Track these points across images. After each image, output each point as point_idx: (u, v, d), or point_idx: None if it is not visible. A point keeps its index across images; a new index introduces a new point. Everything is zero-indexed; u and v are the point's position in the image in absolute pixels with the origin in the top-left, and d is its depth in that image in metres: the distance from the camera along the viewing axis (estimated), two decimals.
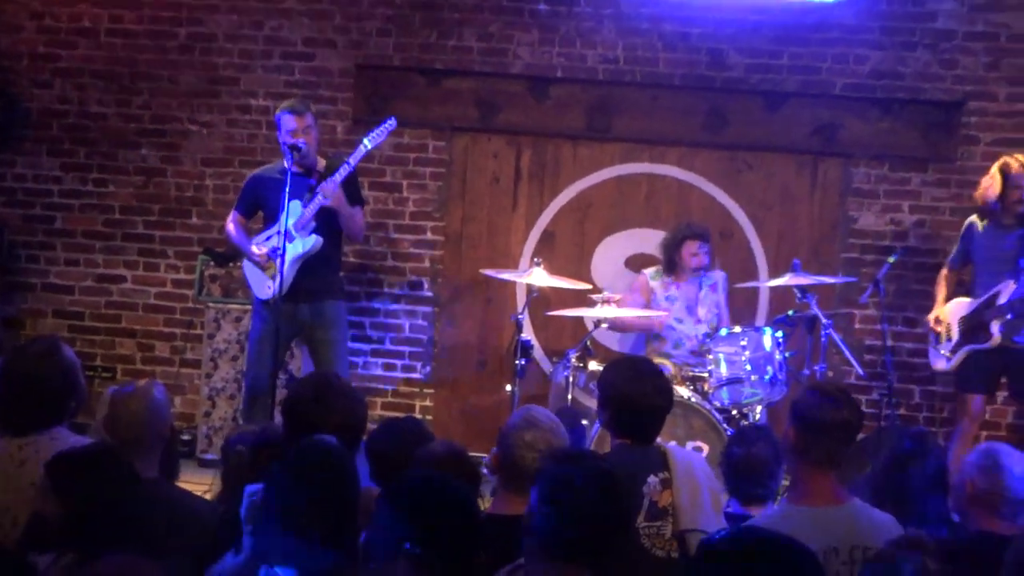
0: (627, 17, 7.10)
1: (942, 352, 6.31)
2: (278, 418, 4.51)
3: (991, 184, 6.14)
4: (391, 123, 6.01)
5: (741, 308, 6.94)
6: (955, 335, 6.24)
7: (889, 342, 6.51)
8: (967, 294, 6.33)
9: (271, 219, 5.96)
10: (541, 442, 3.36)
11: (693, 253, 6.47)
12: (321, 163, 6.03)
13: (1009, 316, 6.01)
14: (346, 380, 3.73)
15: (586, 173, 7.25)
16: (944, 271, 6.51)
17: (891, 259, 6.55)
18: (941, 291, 6.45)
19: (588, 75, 7.16)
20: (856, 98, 7.06)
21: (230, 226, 6.18)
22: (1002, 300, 6.04)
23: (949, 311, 6.32)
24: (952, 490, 3.63)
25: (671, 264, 6.56)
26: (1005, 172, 6.10)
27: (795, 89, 7.08)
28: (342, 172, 5.82)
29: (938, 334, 6.33)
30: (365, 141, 5.92)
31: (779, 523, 3.35)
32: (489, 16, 7.16)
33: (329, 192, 5.78)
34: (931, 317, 6.40)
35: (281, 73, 7.28)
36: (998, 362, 6.15)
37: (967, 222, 6.38)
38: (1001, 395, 6.77)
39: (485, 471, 3.73)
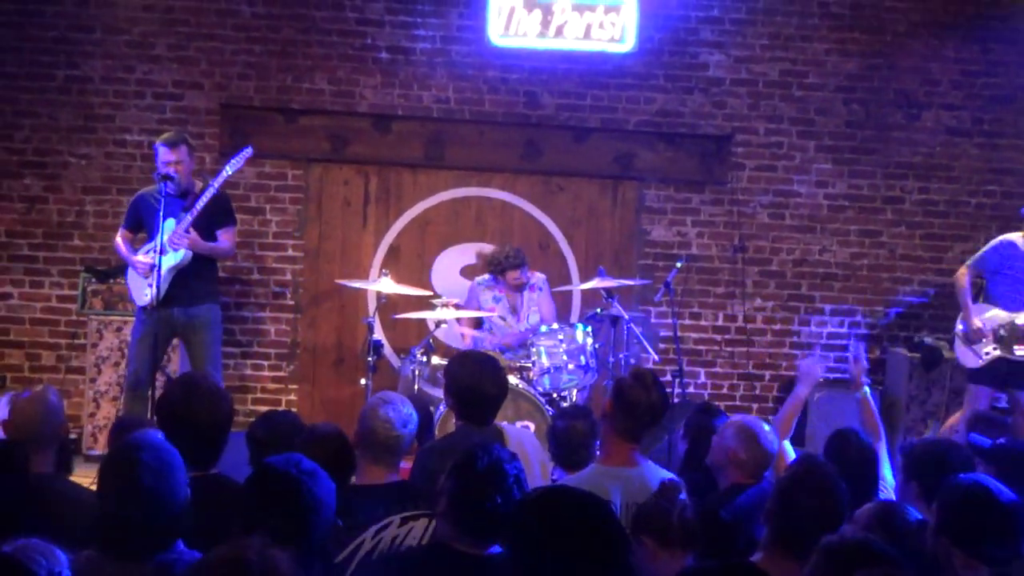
0: (456, 64, 7.10)
1: (981, 352, 5.96)
2: None
3: None
4: (248, 151, 5.86)
5: (559, 307, 7.01)
6: (990, 340, 5.94)
7: (678, 333, 6.70)
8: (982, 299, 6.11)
9: (150, 235, 5.79)
10: (395, 418, 3.34)
11: (516, 278, 6.44)
12: (198, 185, 5.86)
13: None
14: (213, 380, 3.60)
15: (425, 196, 7.21)
16: (967, 274, 6.09)
17: (678, 265, 6.72)
18: (969, 295, 6.03)
19: (424, 113, 7.13)
20: (646, 132, 7.22)
21: (117, 239, 5.97)
22: None
23: (986, 319, 5.97)
24: (713, 453, 3.72)
25: (500, 283, 6.51)
26: None
27: (597, 125, 7.20)
28: (207, 195, 5.66)
29: (977, 337, 5.96)
30: (227, 167, 5.78)
31: (589, 479, 3.44)
32: (338, 63, 7.05)
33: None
34: (974, 323, 5.96)
35: (153, 112, 6.99)
36: (1013, 368, 5.97)
37: (1007, 239, 6.02)
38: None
39: None
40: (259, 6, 6.98)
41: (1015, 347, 5.89)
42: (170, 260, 5.65)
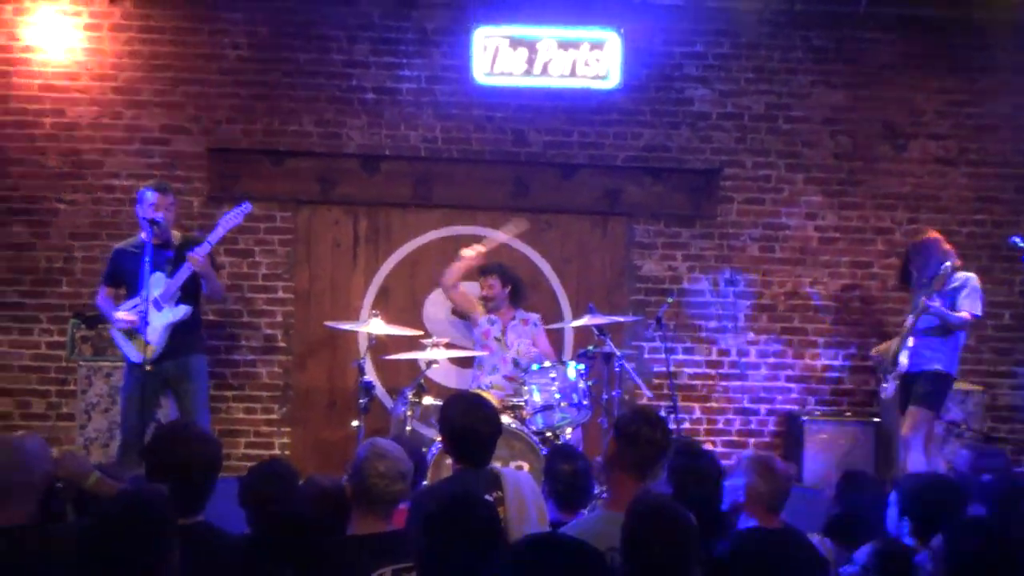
0: (443, 104, 7.11)
1: (889, 382, 6.20)
2: None
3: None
4: (246, 206, 5.88)
5: (551, 345, 6.99)
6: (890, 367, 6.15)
7: (672, 368, 6.68)
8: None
9: (132, 291, 5.73)
10: (393, 470, 3.28)
11: (481, 285, 6.66)
12: (177, 236, 5.84)
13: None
14: (200, 426, 3.57)
15: (414, 236, 7.19)
16: None
17: (669, 299, 6.72)
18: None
19: (412, 153, 7.13)
20: (634, 168, 7.23)
21: (98, 299, 5.92)
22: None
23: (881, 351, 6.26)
24: (730, 495, 3.65)
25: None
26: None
27: (584, 161, 7.21)
28: (204, 248, 5.64)
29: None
30: (225, 220, 5.79)
31: (594, 526, 3.38)
32: (324, 104, 7.07)
33: (198, 261, 5.62)
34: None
35: (141, 156, 6.99)
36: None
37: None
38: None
39: None
40: (244, 49, 7.01)
41: (894, 370, 6.09)
42: (167, 316, 5.65)
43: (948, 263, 5.92)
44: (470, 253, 6.69)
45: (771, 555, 3.04)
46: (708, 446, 6.27)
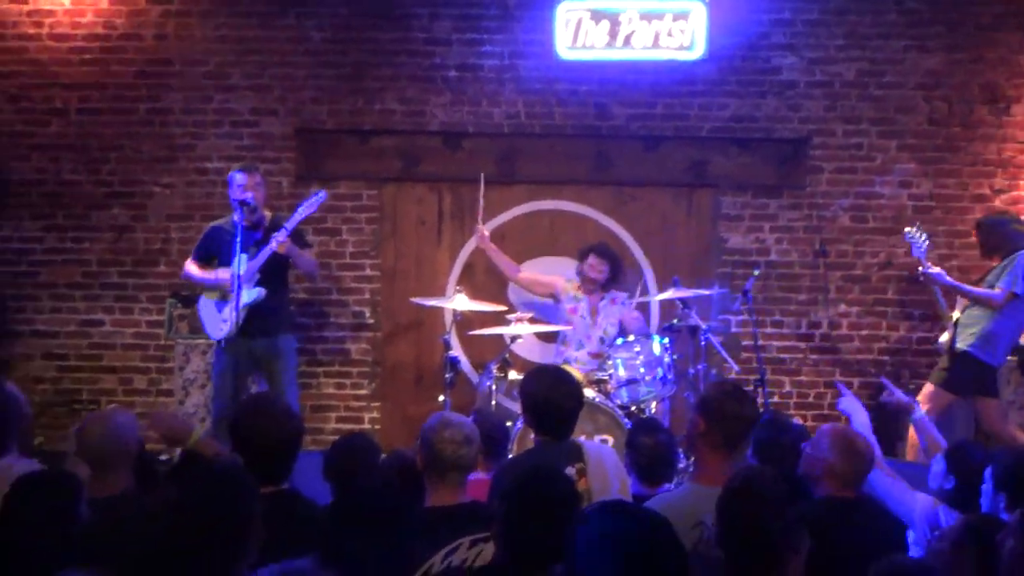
0: (525, 79, 7.09)
1: None
2: None
3: None
4: (322, 195, 5.99)
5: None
6: None
7: (760, 341, 6.56)
8: None
9: (223, 266, 5.89)
10: (458, 435, 3.31)
11: (592, 265, 6.44)
12: (268, 217, 5.97)
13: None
14: (282, 400, 3.67)
15: (498, 212, 7.17)
16: None
17: (756, 272, 6.60)
18: None
19: (495, 129, 7.13)
20: (720, 139, 7.10)
21: (190, 267, 6.08)
22: None
23: None
24: (806, 463, 3.57)
25: (580, 272, 6.53)
26: None
27: (669, 133, 7.11)
28: (282, 234, 5.75)
29: None
30: (300, 210, 5.89)
31: (682, 500, 3.37)
32: (407, 83, 7.11)
33: (276, 244, 5.74)
34: None
35: (231, 139, 7.14)
36: None
37: None
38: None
39: None
40: (328, 31, 7.09)
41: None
42: (244, 297, 5.76)
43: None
44: (483, 235, 6.59)
45: (842, 523, 2.98)
46: (798, 420, 6.14)
